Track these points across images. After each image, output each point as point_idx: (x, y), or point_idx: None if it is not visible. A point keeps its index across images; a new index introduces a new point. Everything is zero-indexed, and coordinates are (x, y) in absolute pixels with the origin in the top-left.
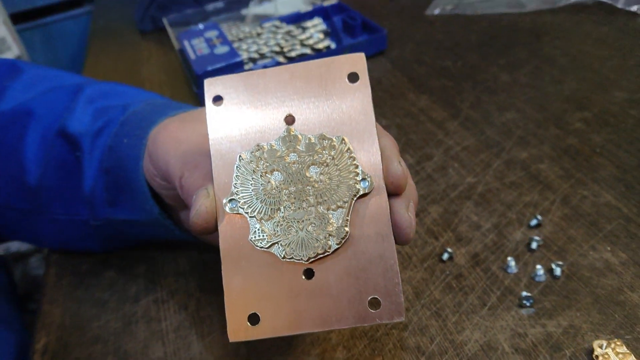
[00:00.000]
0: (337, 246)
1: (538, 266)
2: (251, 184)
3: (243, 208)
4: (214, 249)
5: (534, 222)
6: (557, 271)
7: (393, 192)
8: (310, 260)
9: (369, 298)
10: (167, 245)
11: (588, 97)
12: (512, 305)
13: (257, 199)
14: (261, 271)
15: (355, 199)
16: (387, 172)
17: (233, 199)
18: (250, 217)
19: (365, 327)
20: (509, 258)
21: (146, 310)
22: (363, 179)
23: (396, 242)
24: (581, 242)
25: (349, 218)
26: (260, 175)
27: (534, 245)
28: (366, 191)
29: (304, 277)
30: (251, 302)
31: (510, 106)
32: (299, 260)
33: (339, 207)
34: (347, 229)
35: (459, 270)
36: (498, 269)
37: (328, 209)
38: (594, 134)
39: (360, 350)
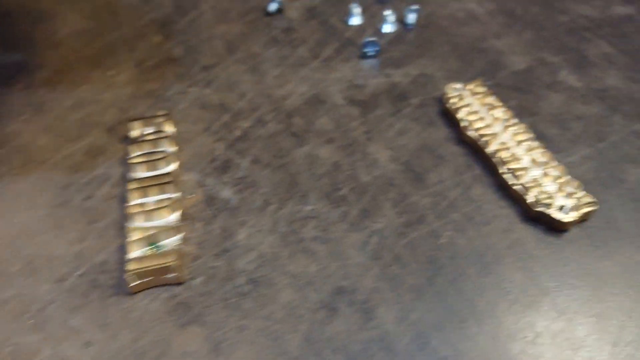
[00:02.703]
0: None
1: (387, 12)
2: None
3: None
4: None
5: None
6: (411, 18)
7: None
8: None
9: None
10: None
11: None
12: (352, 57)
13: None
14: None
15: None
16: None
17: None
18: None
19: (154, 85)
20: (352, 4)
21: None
22: None
23: None
24: None
25: None
26: None
27: None
28: None
29: None
30: None
31: None
32: None
33: None
34: None
35: (289, 24)
36: (339, 21)
37: None
38: None
39: (143, 110)
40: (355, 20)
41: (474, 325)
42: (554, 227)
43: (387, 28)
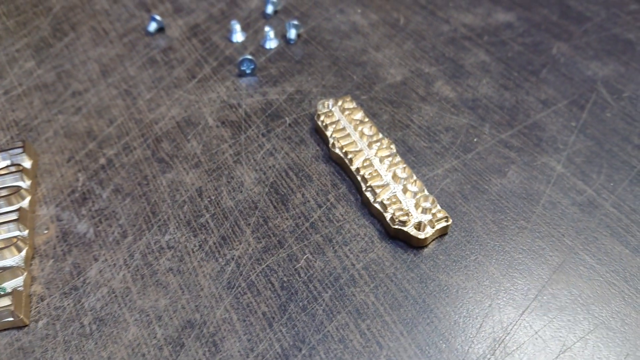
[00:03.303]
0: None
1: (267, 28)
2: None
3: None
4: None
5: None
6: (292, 33)
7: None
8: None
9: None
10: None
11: None
12: (230, 76)
13: None
14: None
15: None
16: None
17: None
18: None
19: (20, 115)
20: (233, 22)
21: None
22: None
23: None
24: (329, 5)
25: None
26: None
27: (269, 9)
28: None
29: None
30: None
31: None
32: None
33: None
34: None
35: (169, 43)
36: (220, 39)
37: None
38: None
39: (5, 142)
40: (238, 37)
41: (321, 351)
42: (413, 244)
43: (270, 44)
